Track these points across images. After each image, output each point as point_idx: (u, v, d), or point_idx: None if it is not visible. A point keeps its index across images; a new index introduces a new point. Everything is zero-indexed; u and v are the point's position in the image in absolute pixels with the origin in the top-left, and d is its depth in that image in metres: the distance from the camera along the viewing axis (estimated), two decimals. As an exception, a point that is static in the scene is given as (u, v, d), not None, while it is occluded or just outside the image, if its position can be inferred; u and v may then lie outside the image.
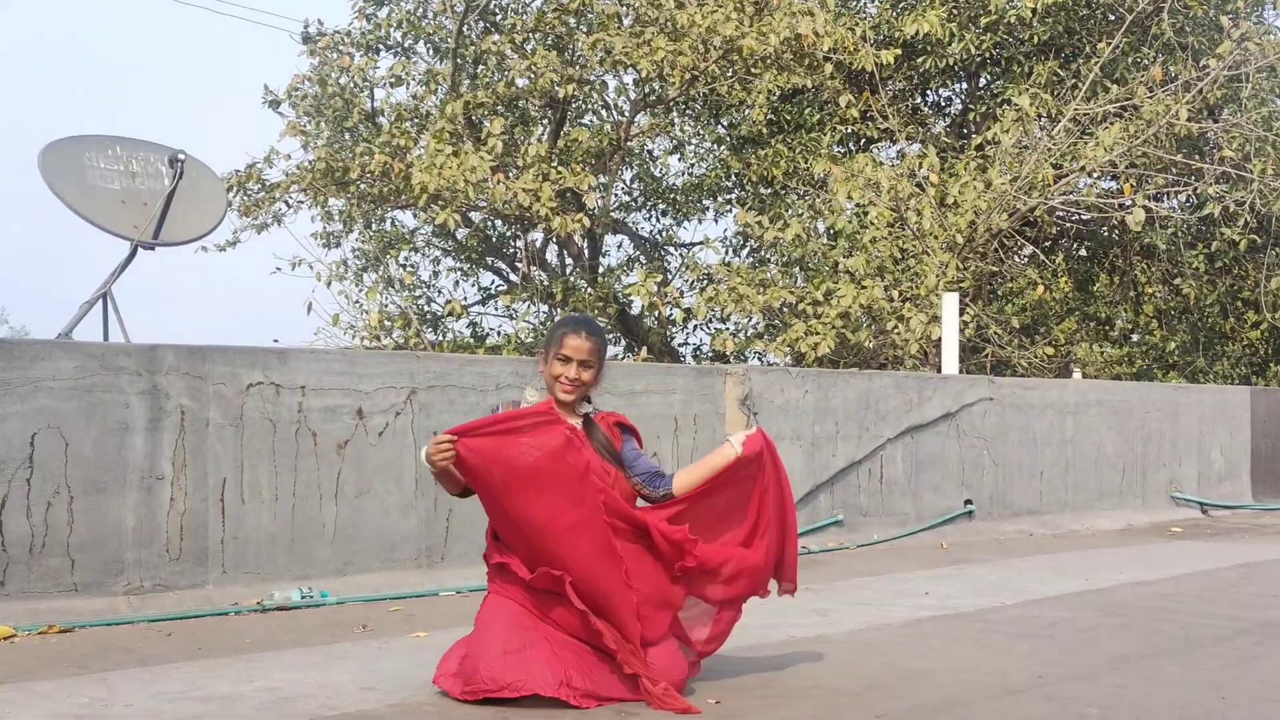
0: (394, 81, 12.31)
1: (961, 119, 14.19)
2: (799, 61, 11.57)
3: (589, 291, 12.72)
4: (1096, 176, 12.34)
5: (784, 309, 11.25)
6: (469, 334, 14.03)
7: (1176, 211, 13.15)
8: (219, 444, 5.11)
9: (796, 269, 12.47)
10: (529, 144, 11.56)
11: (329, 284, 12.32)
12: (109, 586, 4.80)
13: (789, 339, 10.52)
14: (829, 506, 7.52)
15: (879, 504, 7.81)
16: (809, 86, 12.16)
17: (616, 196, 14.29)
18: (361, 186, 12.05)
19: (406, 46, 13.07)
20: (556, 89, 11.54)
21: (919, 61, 12.74)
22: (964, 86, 14.36)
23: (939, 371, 9.49)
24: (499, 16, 12.77)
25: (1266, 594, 5.77)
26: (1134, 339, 16.53)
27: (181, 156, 6.89)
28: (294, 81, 12.61)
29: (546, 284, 12.91)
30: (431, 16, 12.77)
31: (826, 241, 12.18)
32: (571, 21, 12.11)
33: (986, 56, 12.95)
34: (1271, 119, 11.82)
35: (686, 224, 15.60)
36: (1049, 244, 14.23)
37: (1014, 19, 12.28)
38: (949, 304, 9.23)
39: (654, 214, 15.40)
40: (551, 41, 12.20)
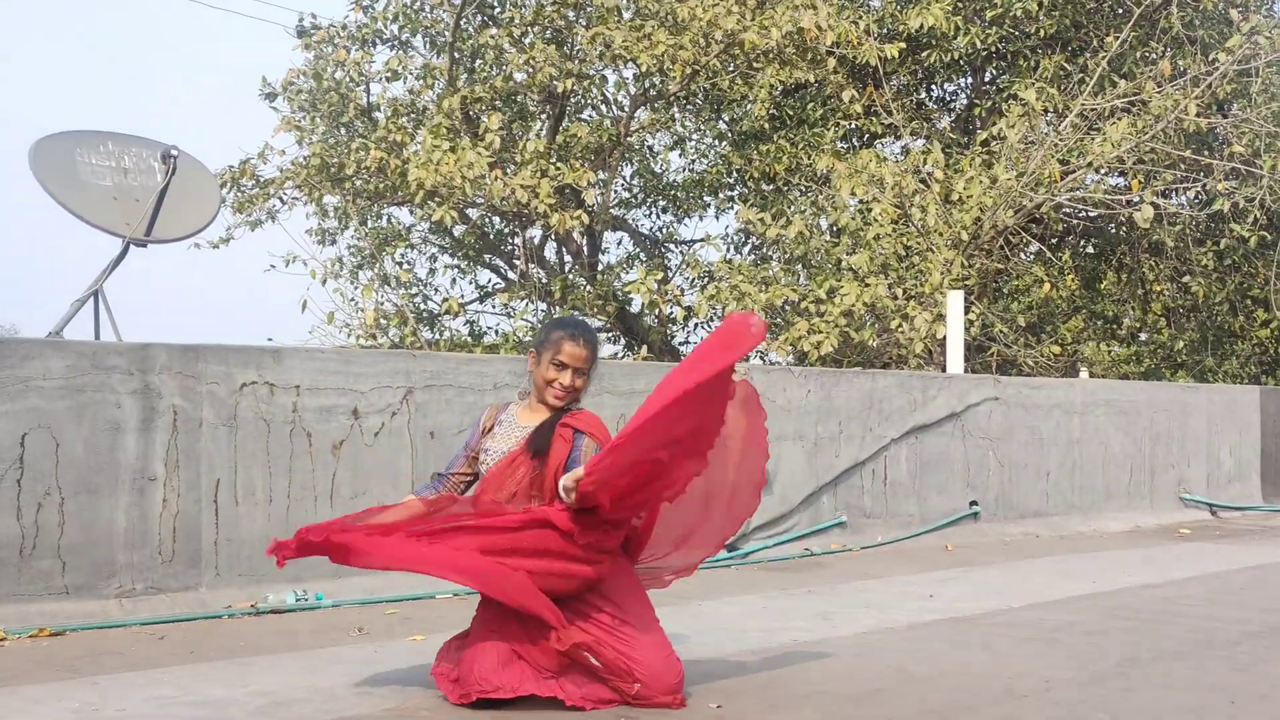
0: (390, 76, 12.30)
1: (967, 114, 14.18)
2: (801, 55, 11.56)
3: (588, 289, 12.72)
4: (1104, 172, 12.34)
5: (786, 307, 11.24)
6: (466, 332, 14.03)
7: (1185, 208, 13.15)
8: (212, 444, 5.11)
9: (799, 266, 12.47)
10: (527, 139, 11.55)
11: (324, 282, 12.31)
12: (100, 589, 4.80)
13: (791, 338, 10.52)
14: (832, 508, 7.52)
15: (883, 505, 7.81)
16: (812, 81, 12.16)
17: (616, 193, 14.29)
18: (357, 183, 12.04)
19: (403, 40, 13.06)
20: (555, 83, 11.54)
21: (923, 55, 12.73)
22: (969, 81, 14.36)
23: (944, 371, 9.49)
24: (497, 10, 12.75)
25: (1276, 597, 5.77)
26: (1142, 337, 16.52)
27: (174, 152, 6.89)
28: (288, 76, 12.60)
29: (545, 282, 12.91)
30: (428, 10, 12.76)
31: (829, 238, 12.18)
32: (570, 15, 12.10)
33: (992, 50, 12.94)
34: (1282, 114, 11.83)
35: (687, 221, 15.60)
36: (1055, 241, 14.23)
37: (1020, 12, 12.28)
38: (954, 302, 9.23)
39: (654, 211, 15.39)
40: (550, 35, 12.20)
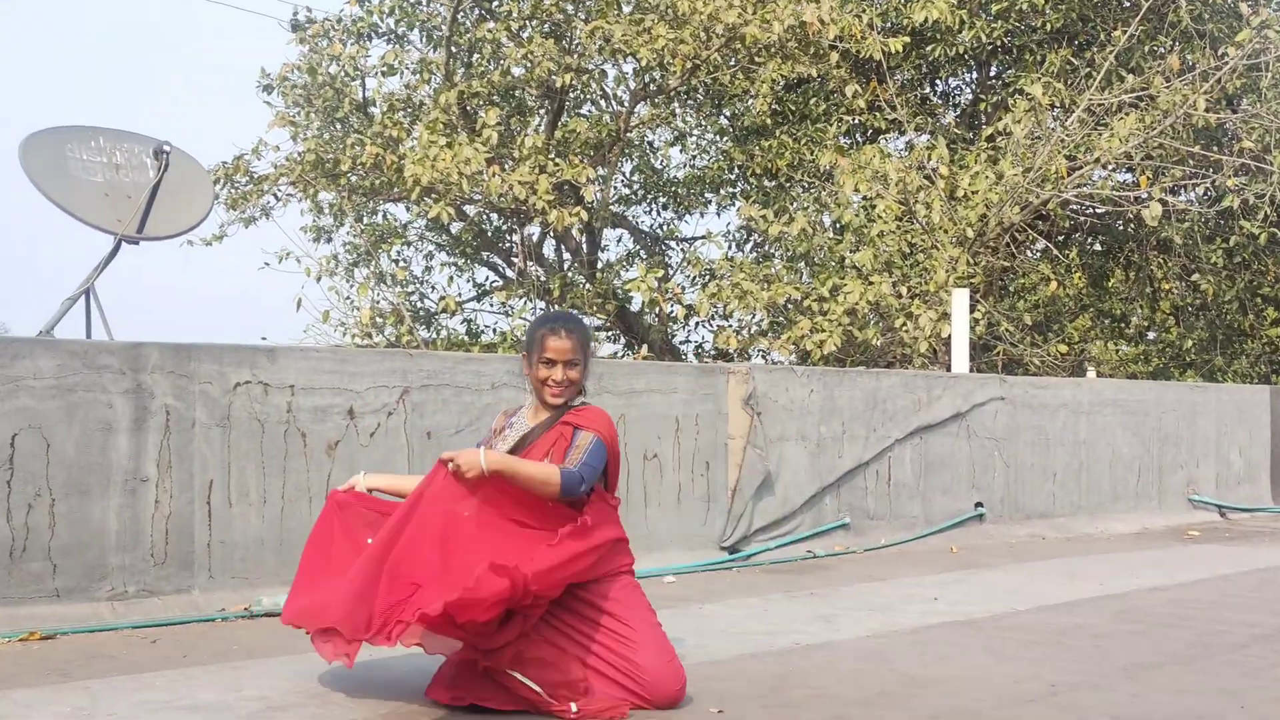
0: (386, 70, 12.30)
1: (972, 109, 14.19)
2: (804, 50, 11.56)
3: (587, 287, 12.72)
4: (1111, 169, 12.33)
5: (789, 305, 11.25)
6: (463, 331, 14.04)
7: (1194, 205, 13.15)
8: (205, 445, 5.11)
9: (801, 264, 12.47)
10: (525, 135, 11.56)
11: (319, 279, 12.32)
12: (92, 592, 4.80)
13: (794, 336, 10.53)
14: (835, 509, 7.52)
15: (887, 507, 7.81)
16: (814, 76, 12.16)
17: (616, 189, 14.29)
18: (352, 179, 12.04)
19: (399, 34, 13.06)
20: (554, 78, 11.54)
21: (928, 50, 12.73)
22: (974, 75, 14.36)
23: (949, 370, 9.49)
24: (494, 3, 12.75)
25: (1286, 600, 5.77)
26: (1150, 336, 16.53)
27: (166, 148, 6.88)
28: (283, 70, 12.61)
29: (543, 280, 12.91)
30: (425, 3, 12.77)
31: (832, 236, 12.18)
32: (569, 8, 12.10)
33: (998, 44, 12.94)
34: (1292, 109, 11.83)
35: (688, 218, 15.62)
36: (1062, 238, 14.23)
37: (1026, 6, 12.27)
38: (959, 300, 9.23)
39: (655, 207, 15.41)
40: (549, 29, 12.19)
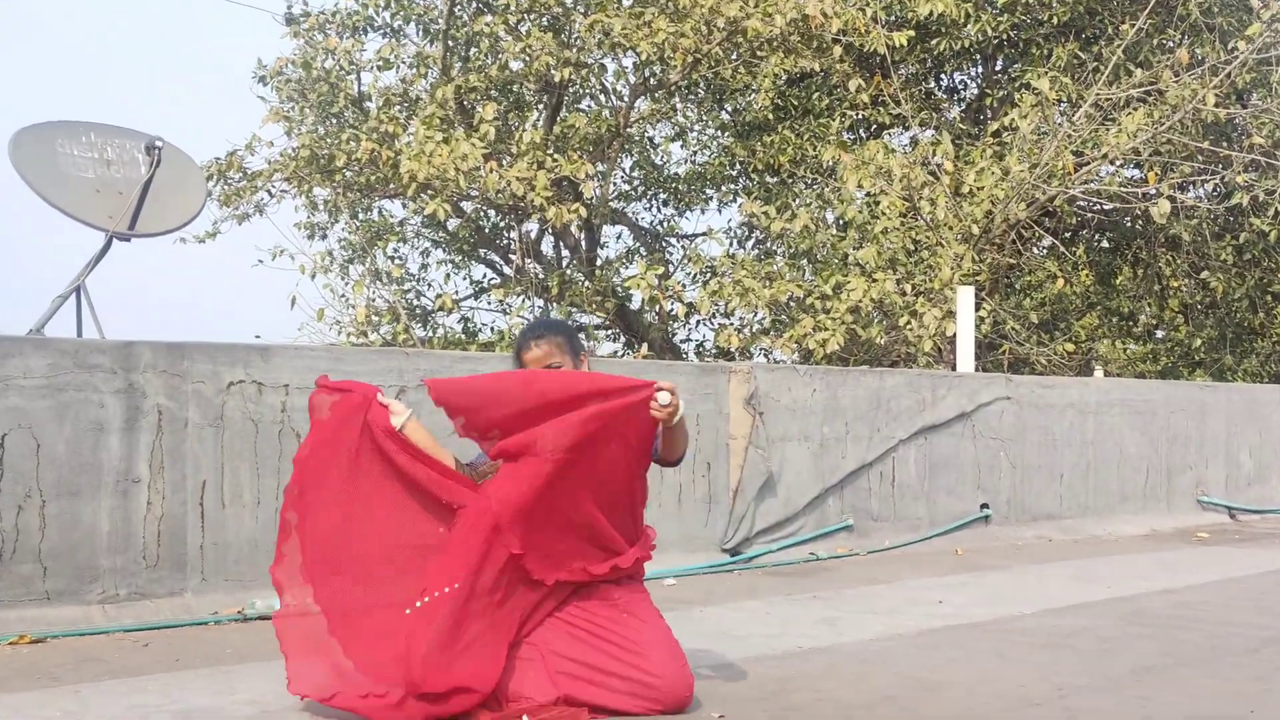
0: (382, 65, 12.29)
1: (978, 104, 14.18)
2: (806, 43, 11.55)
3: (586, 285, 12.72)
4: (1119, 164, 12.33)
5: (791, 303, 11.25)
6: (460, 330, 14.04)
7: (1203, 201, 13.15)
8: (198, 445, 5.11)
9: (804, 261, 12.47)
10: (523, 130, 11.55)
11: (313, 277, 12.31)
12: (83, 594, 4.80)
13: (796, 335, 10.52)
14: (838, 511, 7.52)
15: (891, 508, 7.81)
16: (817, 70, 12.15)
17: (615, 185, 14.28)
18: (348, 175, 12.03)
19: (395, 28, 13.05)
20: (552, 72, 11.53)
21: (933, 43, 12.72)
22: (980, 70, 14.35)
23: (954, 369, 9.49)
24: (492, -4, 12.76)
25: (1297, 602, 5.77)
26: (1158, 335, 16.53)
27: (159, 143, 6.88)
28: (277, 65, 12.60)
29: (542, 277, 12.90)
30: (421, -4, 12.77)
31: (836, 232, 12.18)
32: (568, 1, 12.10)
33: (1004, 38, 12.93)
34: (1303, 104, 11.82)
35: (689, 214, 15.60)
36: (1069, 235, 14.23)
37: (1033, -1, 12.28)
38: (964, 298, 9.23)
39: (655, 204, 15.40)
40: (547, 22, 12.19)
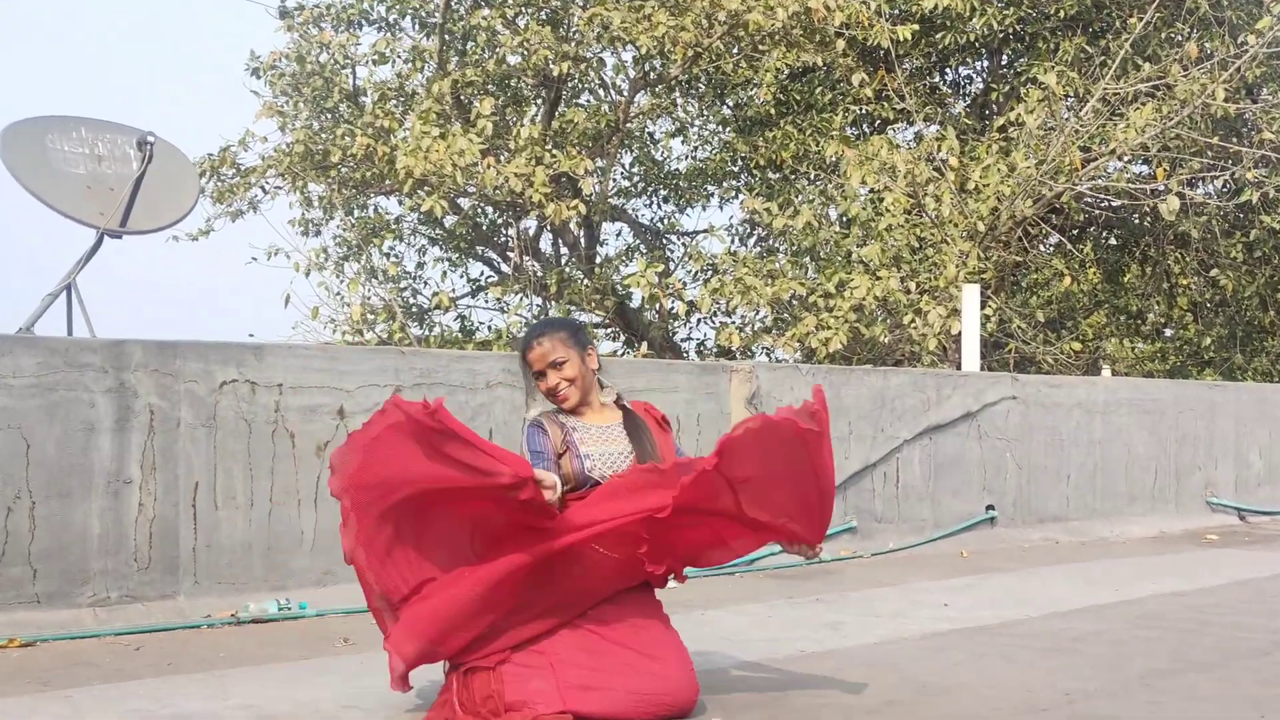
0: (377, 59, 12.29)
1: (983, 99, 14.18)
2: (809, 37, 11.55)
3: (585, 283, 12.72)
4: (1127, 160, 12.33)
5: (793, 301, 11.25)
6: (457, 328, 14.04)
7: (1213, 198, 13.15)
8: (191, 446, 5.11)
9: (807, 259, 12.47)
10: (521, 125, 11.55)
11: (308, 275, 12.32)
12: (73, 598, 4.80)
13: (799, 333, 10.52)
14: (842, 512, 7.52)
15: (895, 510, 7.81)
16: (820, 64, 12.15)
17: (615, 182, 14.28)
18: (343, 171, 12.04)
19: (391, 21, 13.06)
20: (551, 67, 11.53)
21: (938, 37, 12.73)
22: (986, 64, 14.36)
23: (959, 368, 9.49)
24: (489, -11, 12.76)
25: (1308, 605, 5.77)
26: (1167, 333, 16.54)
27: (151, 139, 6.87)
28: (271, 59, 12.60)
29: (540, 275, 12.90)
30: (417, -11, 12.77)
31: (839, 229, 12.18)
32: (567, -6, 12.11)
33: (1010, 32, 12.93)
34: (1314, 99, 11.83)
35: (690, 211, 15.60)
36: (1076, 232, 14.24)
37: (1039, -9, 12.29)
38: (969, 296, 9.23)
39: (655, 200, 15.41)
40: (545, 16, 12.19)
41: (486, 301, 14.46)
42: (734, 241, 14.77)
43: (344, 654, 4.46)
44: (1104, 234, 14.83)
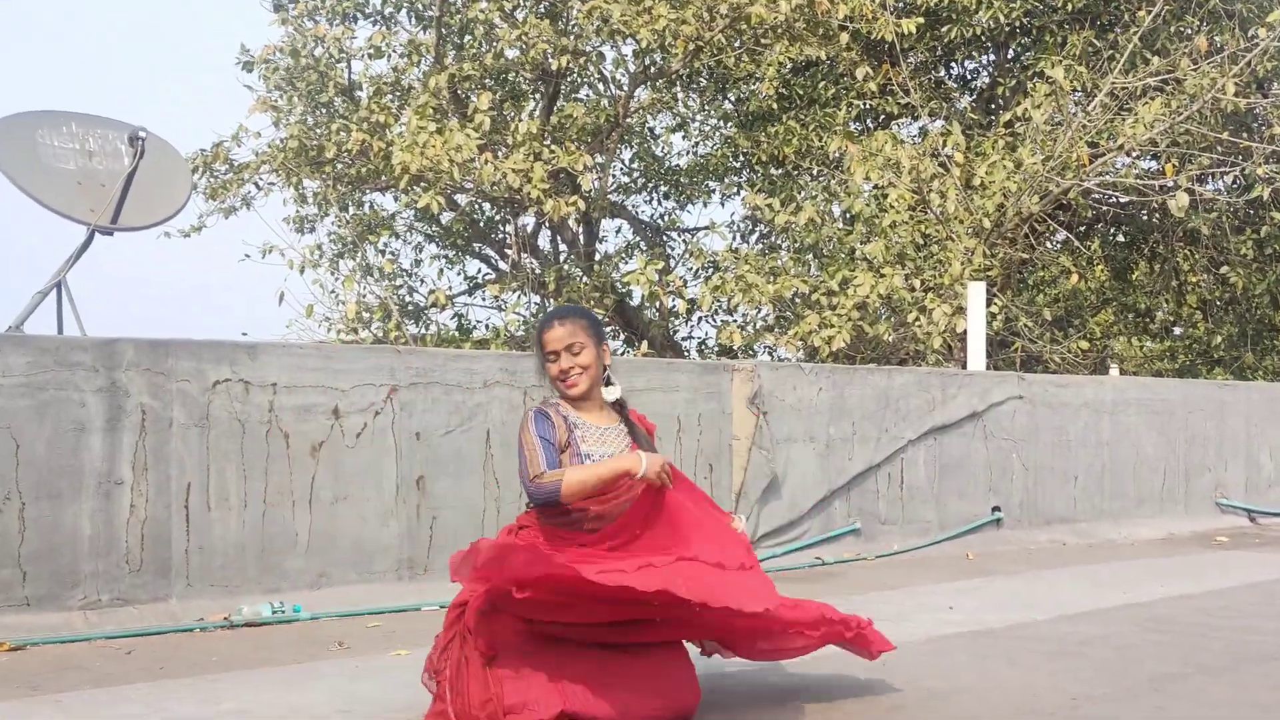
0: (373, 53, 12.28)
1: (989, 93, 14.18)
2: (812, 30, 11.55)
3: (584, 280, 12.71)
4: (1136, 156, 12.33)
5: (796, 299, 11.25)
6: (454, 327, 14.04)
7: (1222, 194, 13.14)
8: (183, 446, 5.11)
9: (810, 256, 12.47)
10: (519, 121, 11.54)
11: (302, 272, 12.32)
12: (64, 600, 4.80)
13: (801, 332, 10.52)
14: (845, 514, 7.52)
15: (899, 511, 7.81)
16: (823, 58, 12.15)
17: (614, 177, 14.29)
18: (338, 167, 12.03)
19: (386, 14, 13.06)
20: (549, 61, 11.54)
21: (943, 30, 12.72)
22: (992, 58, 14.35)
23: (964, 368, 9.49)
24: (487, -18, 12.75)
25: (1319, 608, 5.77)
26: (1176, 332, 16.53)
27: (142, 134, 6.87)
28: (264, 52, 12.59)
29: (538, 272, 12.90)
30: (414, -18, 12.77)
31: (842, 226, 12.18)
32: (566, -13, 12.11)
33: (1016, 25, 12.93)
34: (1326, 93, 11.82)
35: (690, 207, 15.62)
36: (1084, 229, 14.23)
37: (1046, -16, 12.28)
38: (975, 294, 9.23)
39: (655, 196, 15.41)
40: (544, 9, 12.19)
41: (484, 299, 14.47)
42: (735, 238, 14.77)
43: (339, 658, 4.46)
44: (1112, 231, 14.83)
